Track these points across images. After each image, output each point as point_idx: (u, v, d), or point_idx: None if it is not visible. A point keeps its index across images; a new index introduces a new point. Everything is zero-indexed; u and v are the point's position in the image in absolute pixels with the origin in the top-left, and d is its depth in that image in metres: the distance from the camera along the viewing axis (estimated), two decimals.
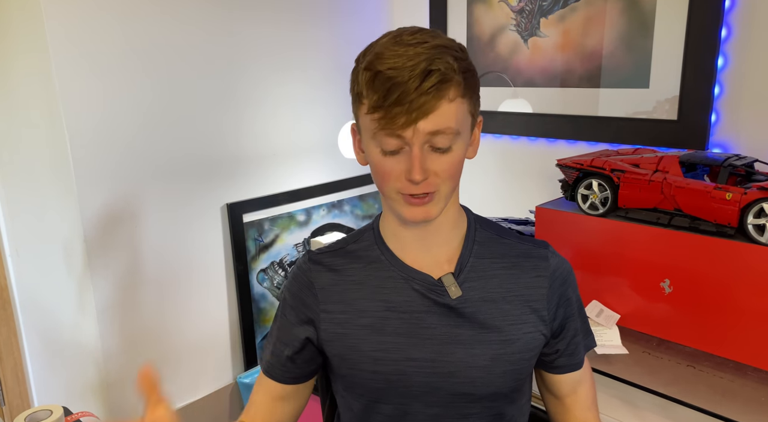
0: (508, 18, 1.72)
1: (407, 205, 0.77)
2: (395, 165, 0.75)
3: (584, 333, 0.92)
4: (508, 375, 0.83)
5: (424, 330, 0.82)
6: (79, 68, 1.37)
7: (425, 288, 0.83)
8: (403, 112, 0.70)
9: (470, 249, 0.85)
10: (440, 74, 0.70)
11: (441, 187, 0.76)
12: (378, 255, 0.86)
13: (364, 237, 0.89)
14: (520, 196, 1.81)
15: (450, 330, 0.82)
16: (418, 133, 0.71)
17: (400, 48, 0.71)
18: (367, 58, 0.74)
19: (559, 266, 0.87)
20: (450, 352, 0.81)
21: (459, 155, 0.76)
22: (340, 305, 0.85)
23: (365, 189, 2.07)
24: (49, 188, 1.49)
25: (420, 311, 0.82)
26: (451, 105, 0.72)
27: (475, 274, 0.84)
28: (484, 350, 0.81)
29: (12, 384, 1.72)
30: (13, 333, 1.71)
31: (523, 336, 0.83)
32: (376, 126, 0.72)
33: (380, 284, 0.85)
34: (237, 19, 1.64)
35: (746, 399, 1.06)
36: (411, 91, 0.69)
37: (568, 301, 0.88)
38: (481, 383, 0.82)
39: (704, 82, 1.37)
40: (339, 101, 1.93)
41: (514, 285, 0.84)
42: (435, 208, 0.78)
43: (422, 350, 0.82)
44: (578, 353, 0.90)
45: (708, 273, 1.13)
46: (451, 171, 0.76)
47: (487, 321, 0.82)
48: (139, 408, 1.59)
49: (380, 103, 0.71)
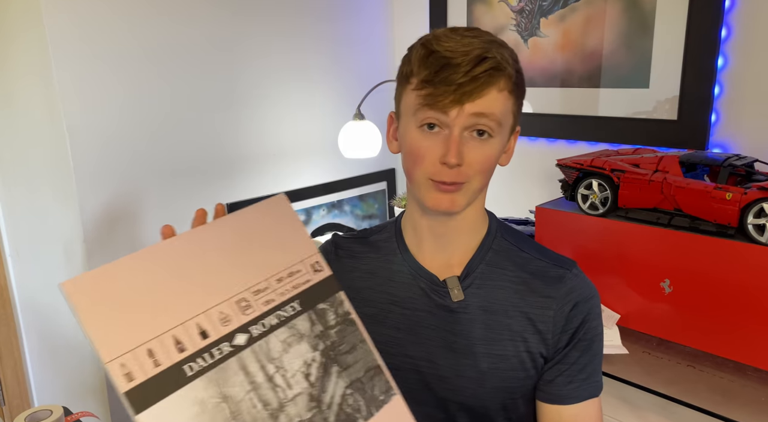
0: (508, 18, 1.72)
1: (434, 190, 0.75)
2: (431, 147, 0.73)
3: (588, 373, 0.80)
4: (498, 391, 0.80)
5: (424, 329, 0.82)
6: (79, 68, 1.37)
7: (429, 287, 0.82)
8: (451, 91, 0.70)
9: (483, 255, 0.83)
10: (494, 61, 0.70)
11: (472, 179, 0.74)
12: (394, 248, 0.86)
13: (386, 229, 0.90)
14: (520, 196, 1.81)
15: (447, 335, 0.81)
16: (462, 114, 0.71)
17: (457, 35, 0.72)
18: (423, 39, 0.74)
19: (575, 290, 0.80)
20: (444, 357, 0.81)
21: (495, 149, 0.75)
22: (349, 291, 0.84)
23: (365, 189, 2.07)
24: (49, 188, 1.49)
25: (422, 310, 0.82)
26: (499, 95, 0.72)
27: (481, 282, 0.81)
28: (477, 361, 0.79)
29: (12, 384, 1.72)
30: (13, 333, 1.71)
31: (520, 354, 0.79)
32: (421, 102, 0.72)
33: (389, 277, 0.85)
34: (237, 20, 1.64)
35: (746, 399, 1.06)
36: (463, 73, 0.69)
37: (577, 329, 0.80)
38: (470, 394, 0.80)
39: (704, 82, 1.37)
40: (339, 101, 1.93)
41: (520, 301, 0.80)
42: (462, 199, 0.75)
43: (419, 349, 0.82)
44: (571, 386, 0.80)
45: (708, 273, 1.13)
46: (485, 164, 0.74)
47: (482, 333, 0.80)
48: None
49: (430, 78, 0.71)
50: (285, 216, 0.69)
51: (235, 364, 0.58)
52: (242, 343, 0.59)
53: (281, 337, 0.62)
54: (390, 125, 0.84)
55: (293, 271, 0.66)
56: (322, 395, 0.62)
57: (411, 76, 0.74)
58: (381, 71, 2.04)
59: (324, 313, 0.66)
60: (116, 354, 0.53)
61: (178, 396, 0.54)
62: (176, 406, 0.54)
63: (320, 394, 0.62)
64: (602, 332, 0.84)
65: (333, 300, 0.68)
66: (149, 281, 0.57)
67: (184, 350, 0.56)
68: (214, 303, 0.59)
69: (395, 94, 0.81)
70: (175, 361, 0.55)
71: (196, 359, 0.56)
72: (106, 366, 0.52)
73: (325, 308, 0.67)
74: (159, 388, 0.53)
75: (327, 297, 0.67)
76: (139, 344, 0.54)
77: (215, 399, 0.56)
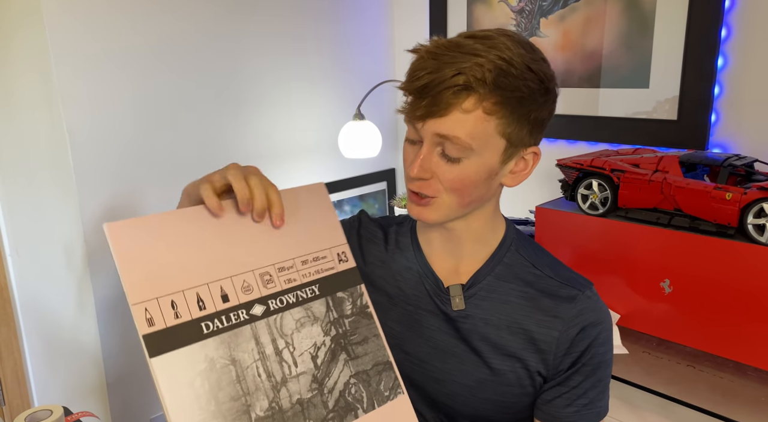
0: (508, 18, 1.72)
1: (410, 200, 0.76)
2: (409, 157, 0.74)
3: (590, 398, 0.77)
4: (491, 403, 0.79)
5: (424, 329, 0.82)
6: (79, 68, 1.37)
7: (433, 290, 0.82)
8: (418, 105, 0.69)
9: (491, 267, 0.80)
10: (465, 80, 0.66)
11: (443, 195, 0.73)
12: (408, 243, 0.86)
13: (406, 224, 0.90)
14: (520, 196, 1.81)
15: (446, 339, 0.80)
16: (426, 130, 0.70)
17: (464, 39, 0.68)
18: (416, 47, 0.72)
19: (584, 312, 0.76)
20: (441, 359, 0.80)
21: (470, 172, 0.71)
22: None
23: (365, 189, 2.07)
24: (49, 188, 1.49)
25: (424, 310, 0.82)
26: (466, 116, 0.67)
27: (486, 294, 0.79)
28: (473, 371, 0.79)
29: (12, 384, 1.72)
30: (13, 333, 1.71)
31: (518, 370, 0.77)
32: (404, 109, 0.72)
33: (399, 271, 0.85)
34: (237, 19, 1.64)
35: (746, 399, 1.06)
36: (433, 86, 0.67)
37: (582, 353, 0.76)
38: (462, 401, 0.80)
39: (704, 82, 1.37)
40: (339, 101, 1.92)
41: (525, 318, 0.77)
42: (433, 214, 0.74)
43: (416, 347, 0.82)
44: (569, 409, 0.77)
45: (708, 273, 1.13)
46: (455, 184, 0.71)
47: (481, 345, 0.78)
48: (138, 407, 1.59)
49: (405, 86, 0.70)
50: (321, 203, 0.71)
51: (249, 332, 0.61)
52: (258, 314, 0.62)
53: (296, 316, 0.64)
54: None
55: (319, 257, 0.69)
56: (326, 379, 0.64)
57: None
58: (381, 71, 2.04)
59: (341, 302, 0.68)
60: (142, 298, 0.56)
61: (191, 350, 0.57)
62: (188, 358, 0.57)
63: (324, 378, 0.64)
64: (611, 359, 0.79)
65: (353, 291, 0.70)
66: (187, 238, 0.60)
67: (204, 308, 0.59)
68: (240, 271, 0.62)
69: None
70: (195, 317, 0.58)
71: (213, 319, 0.59)
72: (131, 308, 0.56)
73: (344, 297, 0.69)
74: (175, 338, 0.56)
75: (347, 287, 0.69)
76: (165, 294, 0.57)
77: (224, 360, 0.59)
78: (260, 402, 0.59)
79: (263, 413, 0.59)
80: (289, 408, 0.61)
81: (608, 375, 0.80)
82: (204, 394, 0.57)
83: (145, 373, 1.63)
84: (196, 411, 0.56)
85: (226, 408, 0.57)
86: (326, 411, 0.62)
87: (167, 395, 0.55)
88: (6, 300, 1.69)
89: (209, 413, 0.56)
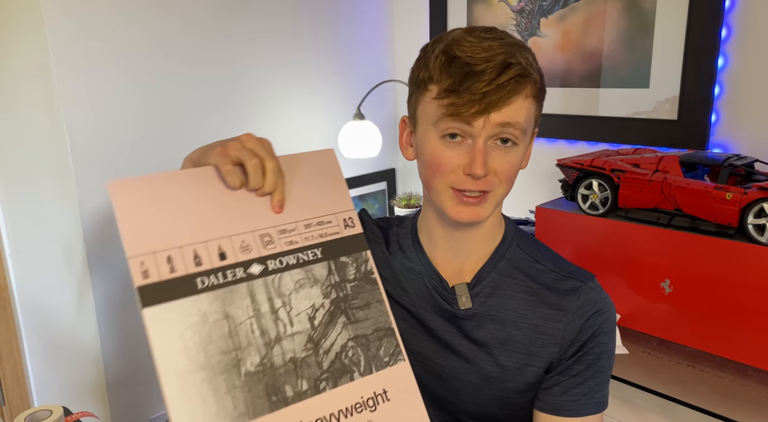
0: (508, 18, 1.72)
1: (457, 202, 0.73)
2: (453, 157, 0.71)
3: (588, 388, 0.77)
4: (495, 400, 0.79)
5: (427, 328, 0.82)
6: (79, 68, 1.37)
7: (437, 291, 0.82)
8: (477, 100, 0.67)
9: (495, 264, 0.81)
10: (520, 68, 0.68)
11: (497, 188, 0.73)
12: (410, 245, 0.86)
13: (405, 225, 0.89)
14: (520, 196, 1.81)
15: (451, 338, 0.80)
16: (488, 124, 0.69)
17: (476, 39, 0.69)
18: (442, 43, 0.71)
19: (587, 303, 0.77)
20: (444, 357, 0.80)
21: (519, 156, 0.73)
22: None
23: (365, 189, 2.07)
24: (49, 188, 1.49)
25: (427, 310, 0.82)
26: (525, 102, 0.70)
27: (491, 290, 0.79)
28: (477, 368, 0.79)
29: (12, 384, 1.72)
30: (13, 333, 1.71)
31: (523, 367, 0.77)
32: (444, 112, 0.69)
33: (402, 271, 0.84)
34: (238, 19, 1.64)
35: (746, 399, 1.06)
36: (488, 82, 0.67)
37: (585, 342, 0.76)
38: (466, 398, 0.80)
39: (704, 82, 1.37)
40: (339, 101, 1.92)
41: (530, 313, 0.78)
42: (486, 210, 0.74)
43: (419, 345, 0.82)
44: (566, 397, 0.77)
45: (708, 273, 1.13)
46: (510, 172, 0.73)
47: (488, 341, 0.78)
48: (138, 407, 1.59)
49: (454, 87, 0.68)
50: (330, 169, 0.72)
51: (245, 290, 0.61)
52: (256, 273, 0.63)
53: (295, 278, 0.65)
54: (403, 130, 0.81)
55: (323, 221, 0.69)
56: (322, 340, 0.64)
57: (430, 82, 0.71)
58: (381, 71, 2.04)
59: (344, 266, 0.68)
60: (139, 252, 0.57)
61: (184, 303, 0.58)
62: (179, 311, 0.58)
63: (320, 339, 0.64)
64: (613, 350, 0.79)
65: (357, 256, 0.69)
66: (189, 197, 0.61)
67: (200, 264, 0.60)
68: (238, 231, 0.63)
69: (410, 99, 0.78)
70: (190, 272, 0.59)
71: (210, 275, 0.60)
72: (128, 261, 0.57)
73: (347, 262, 0.68)
74: (169, 291, 0.58)
75: (351, 252, 0.69)
76: (161, 249, 0.58)
77: (217, 315, 0.59)
78: (251, 357, 0.60)
79: (254, 368, 0.59)
80: (281, 366, 0.61)
81: (610, 367, 0.79)
82: (193, 346, 0.57)
83: (145, 373, 1.64)
84: (184, 362, 0.57)
85: (215, 361, 0.58)
86: (320, 372, 0.62)
87: (155, 344, 0.56)
88: (6, 300, 1.69)
89: (197, 364, 0.57)
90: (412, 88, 0.76)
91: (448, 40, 0.71)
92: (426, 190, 0.79)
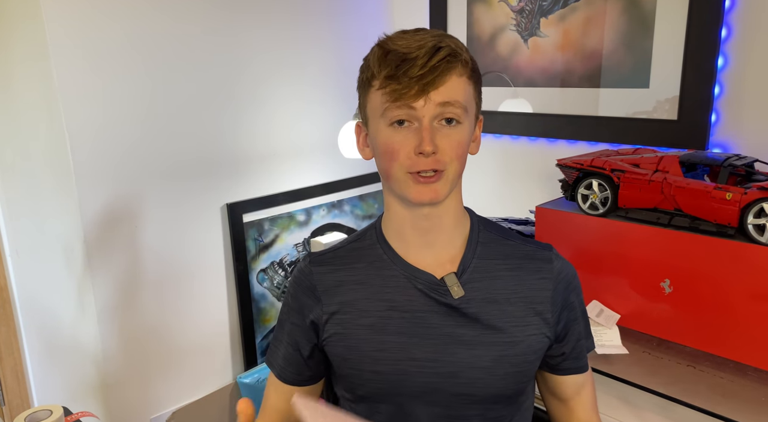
0: (508, 18, 1.72)
1: (415, 184, 0.78)
2: (404, 141, 0.76)
3: (586, 337, 0.92)
4: (510, 377, 0.82)
5: (427, 329, 0.82)
6: (79, 68, 1.37)
7: (428, 287, 0.82)
8: (415, 81, 0.73)
9: (474, 249, 0.86)
10: (449, 49, 0.75)
11: (448, 166, 0.77)
12: (380, 254, 0.86)
13: (366, 237, 0.90)
14: (520, 196, 1.81)
15: (452, 330, 0.81)
16: (429, 103, 0.74)
17: (408, 34, 0.77)
18: (377, 45, 0.79)
19: (563, 269, 0.87)
20: (452, 352, 0.81)
21: (466, 135, 0.78)
22: (342, 306, 0.85)
23: (365, 189, 2.07)
24: (49, 188, 1.49)
25: (423, 310, 0.82)
26: (459, 80, 0.76)
27: (478, 275, 0.84)
28: (487, 351, 0.81)
29: (12, 384, 1.72)
30: (13, 333, 1.71)
31: (527, 338, 0.83)
32: (387, 98, 0.75)
33: (383, 283, 0.85)
34: (237, 19, 1.64)
35: (746, 399, 1.06)
36: (421, 65, 0.73)
37: (572, 305, 0.88)
38: (482, 384, 0.81)
39: (704, 82, 1.37)
40: (339, 101, 1.92)
41: (518, 286, 0.84)
42: (443, 187, 0.78)
43: (424, 350, 0.82)
44: (583, 356, 0.91)
45: (708, 273, 1.13)
46: (458, 150, 0.77)
47: (490, 322, 0.82)
48: (138, 407, 1.59)
49: (391, 73, 0.74)
50: None
51: None
52: None
53: None
54: (359, 135, 0.87)
55: None
56: None
57: (372, 78, 0.78)
58: None
59: None
60: None
61: None
62: None
63: None
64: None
65: None
66: None
67: None
68: None
69: (359, 103, 0.83)
70: None
71: None
72: None
73: None
74: None
75: None
76: None
77: None
78: None
79: None
80: None
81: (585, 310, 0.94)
82: None
83: (146, 373, 1.64)
84: None
85: None
86: None
87: None
88: (6, 300, 1.69)
89: None
90: (360, 91, 0.82)
91: (382, 40, 0.79)
92: (386, 182, 0.82)
